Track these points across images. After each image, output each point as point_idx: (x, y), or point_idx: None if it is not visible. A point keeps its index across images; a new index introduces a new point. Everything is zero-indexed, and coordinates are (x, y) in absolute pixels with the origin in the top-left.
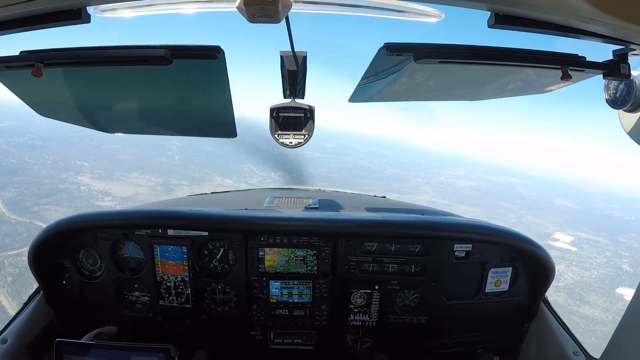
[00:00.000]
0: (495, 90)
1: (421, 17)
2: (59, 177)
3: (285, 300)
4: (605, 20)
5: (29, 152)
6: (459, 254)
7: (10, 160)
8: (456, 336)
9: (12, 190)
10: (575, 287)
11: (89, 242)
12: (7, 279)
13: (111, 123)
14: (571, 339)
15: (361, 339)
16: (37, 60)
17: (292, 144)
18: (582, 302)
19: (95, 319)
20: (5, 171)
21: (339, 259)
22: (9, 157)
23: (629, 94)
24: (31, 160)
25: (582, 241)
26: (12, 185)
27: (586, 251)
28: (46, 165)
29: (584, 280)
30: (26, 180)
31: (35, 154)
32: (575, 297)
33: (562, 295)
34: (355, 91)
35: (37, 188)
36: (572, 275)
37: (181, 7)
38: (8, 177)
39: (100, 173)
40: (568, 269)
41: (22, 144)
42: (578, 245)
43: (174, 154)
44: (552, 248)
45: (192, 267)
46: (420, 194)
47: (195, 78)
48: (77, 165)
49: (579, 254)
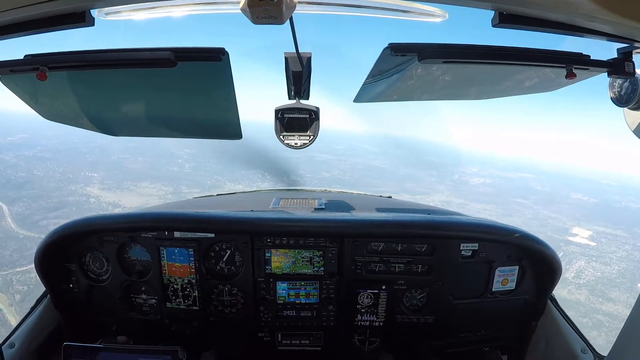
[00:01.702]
0: (499, 90)
1: (425, 17)
2: (68, 189)
3: (293, 302)
4: (610, 19)
5: (38, 165)
6: (465, 253)
7: (20, 174)
8: (463, 335)
9: (21, 205)
10: (597, 284)
11: (96, 245)
12: (15, 297)
13: (115, 126)
14: (579, 337)
15: (368, 339)
16: (41, 63)
17: (298, 145)
18: (604, 299)
19: (102, 322)
20: (14, 185)
21: (346, 259)
22: (18, 171)
23: (633, 92)
24: (40, 173)
25: (601, 235)
26: (20, 199)
27: (605, 245)
28: (55, 178)
29: (605, 275)
30: (35, 194)
31: (44, 167)
32: (598, 294)
33: (584, 293)
34: (360, 91)
35: (46, 201)
36: (593, 272)
37: (185, 10)
38: (17, 192)
39: (110, 184)
40: (588, 264)
41: (32, 156)
42: (597, 240)
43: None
44: (571, 244)
45: (199, 269)
46: (434, 193)
47: (200, 80)
48: (87, 176)
49: (598, 249)
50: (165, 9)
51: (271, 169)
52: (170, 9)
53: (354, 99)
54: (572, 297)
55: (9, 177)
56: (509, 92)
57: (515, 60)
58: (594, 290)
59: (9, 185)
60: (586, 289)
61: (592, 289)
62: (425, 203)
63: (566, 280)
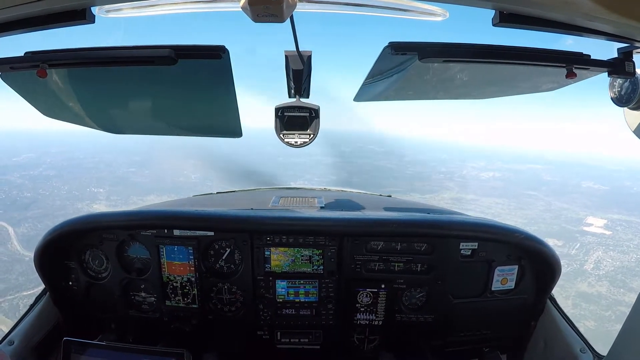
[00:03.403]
0: (499, 89)
1: (426, 16)
2: (74, 207)
3: (292, 300)
4: (610, 18)
5: (43, 184)
6: (464, 252)
7: (25, 195)
8: (463, 334)
9: (27, 226)
10: (617, 274)
11: (95, 242)
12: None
13: (116, 123)
14: (578, 337)
15: (368, 338)
16: (41, 60)
17: (298, 143)
18: (626, 290)
19: (101, 320)
20: (20, 206)
21: (345, 258)
22: (24, 191)
23: (634, 91)
24: (45, 192)
25: (615, 223)
26: (26, 220)
27: (621, 233)
28: (61, 196)
29: (624, 265)
30: (40, 213)
31: (49, 185)
32: (618, 284)
33: (604, 284)
34: (360, 90)
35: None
36: (612, 261)
37: (186, 7)
38: (22, 213)
39: (117, 199)
40: (606, 254)
41: (37, 175)
42: (612, 228)
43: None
44: (587, 234)
45: (199, 267)
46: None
47: (200, 78)
48: (93, 192)
49: (614, 237)
50: (165, 6)
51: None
52: (171, 7)
53: (354, 98)
54: (593, 291)
55: (14, 199)
56: (509, 91)
57: (515, 60)
58: (614, 280)
59: (14, 206)
60: (606, 280)
61: (612, 280)
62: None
63: (585, 272)
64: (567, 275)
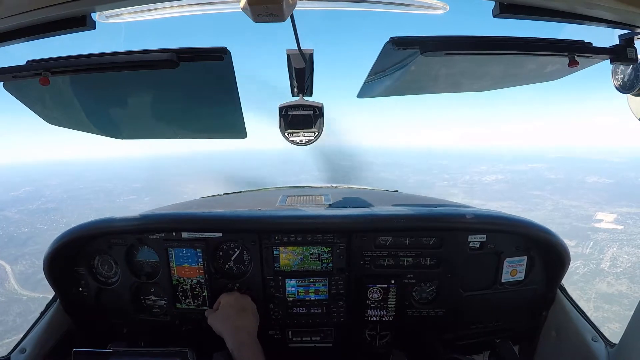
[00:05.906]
0: (502, 80)
1: (426, 9)
2: None
3: (302, 299)
4: (610, 5)
5: (41, 218)
6: (473, 244)
7: (22, 230)
8: (474, 327)
9: (24, 263)
10: (635, 269)
11: (104, 248)
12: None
13: (120, 129)
14: (589, 326)
15: (379, 334)
16: (43, 68)
17: (303, 141)
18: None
19: (113, 325)
20: (17, 242)
21: (354, 254)
22: (21, 227)
23: (636, 77)
24: (43, 227)
25: (625, 217)
26: (24, 257)
27: (632, 227)
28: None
29: None
30: (38, 249)
31: (47, 219)
32: (638, 280)
33: (624, 282)
34: (362, 87)
35: None
36: (628, 257)
37: (186, 10)
38: (20, 249)
39: None
40: (621, 250)
41: (35, 209)
42: (622, 222)
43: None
44: (599, 230)
45: (208, 269)
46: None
47: (203, 80)
48: None
49: (626, 232)
50: (165, 10)
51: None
52: (171, 10)
53: (357, 95)
54: (613, 290)
55: (11, 235)
56: (513, 82)
57: (517, 50)
58: (633, 277)
59: (11, 243)
60: (625, 278)
61: (631, 277)
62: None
63: (603, 271)
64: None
